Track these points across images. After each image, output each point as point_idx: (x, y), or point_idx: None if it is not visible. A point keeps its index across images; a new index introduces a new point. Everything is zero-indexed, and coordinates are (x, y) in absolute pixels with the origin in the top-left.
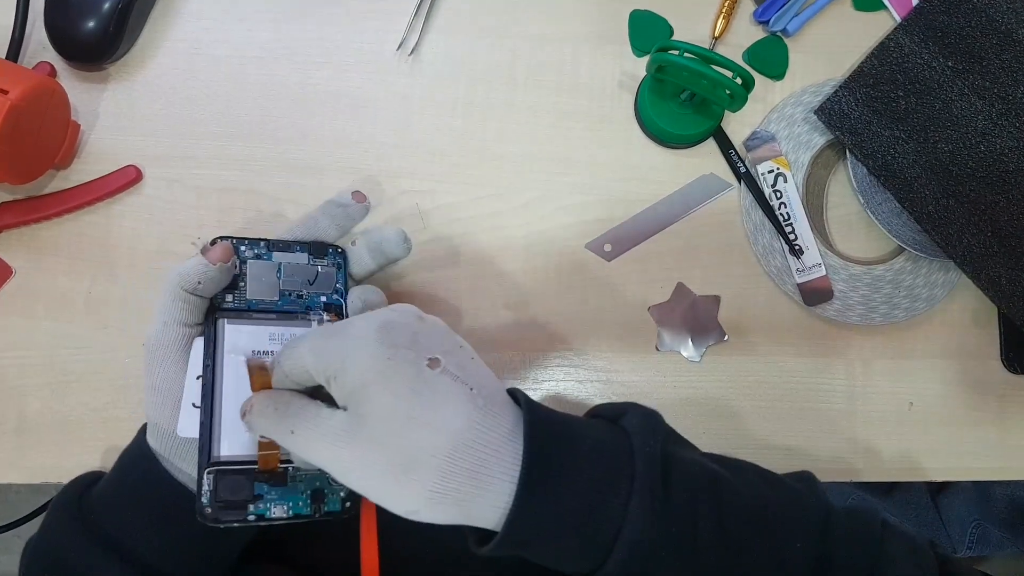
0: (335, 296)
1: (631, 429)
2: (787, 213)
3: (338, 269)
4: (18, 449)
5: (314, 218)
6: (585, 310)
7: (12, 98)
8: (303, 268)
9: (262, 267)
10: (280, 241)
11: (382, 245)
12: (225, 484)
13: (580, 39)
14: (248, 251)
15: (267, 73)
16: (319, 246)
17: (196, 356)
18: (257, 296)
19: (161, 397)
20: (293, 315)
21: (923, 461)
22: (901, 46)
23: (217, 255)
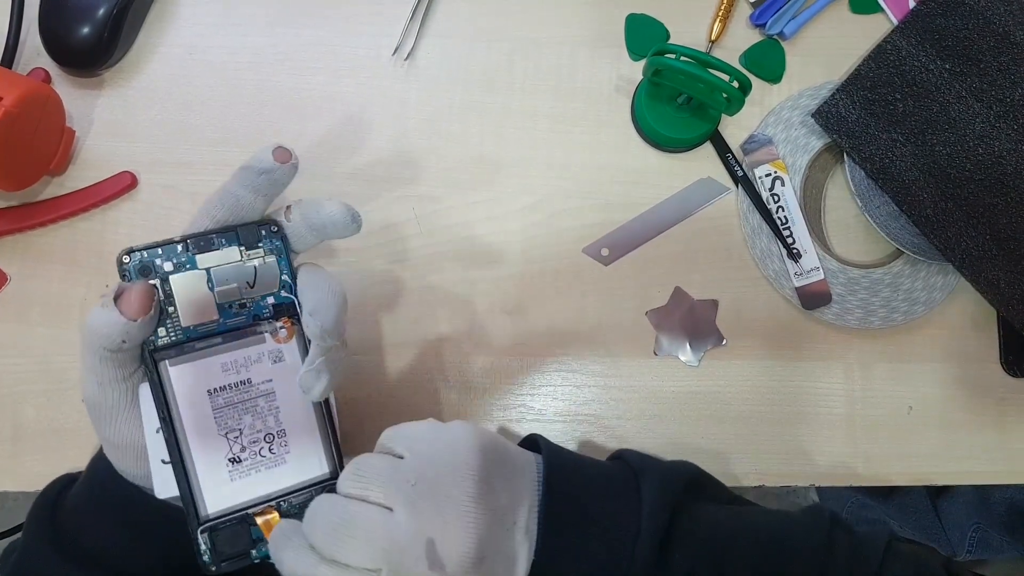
0: (283, 293)
1: (645, 505)
2: (785, 217)
3: (279, 256)
4: (13, 456)
5: (232, 194)
6: (583, 315)
7: (6, 104)
8: (237, 268)
9: (189, 281)
10: (200, 236)
11: (326, 228)
12: (223, 539)
13: (576, 43)
14: (165, 262)
15: (262, 78)
16: (249, 230)
17: (147, 406)
18: (194, 321)
19: (122, 452)
20: (241, 331)
21: (923, 465)
22: (898, 49)
23: (135, 308)
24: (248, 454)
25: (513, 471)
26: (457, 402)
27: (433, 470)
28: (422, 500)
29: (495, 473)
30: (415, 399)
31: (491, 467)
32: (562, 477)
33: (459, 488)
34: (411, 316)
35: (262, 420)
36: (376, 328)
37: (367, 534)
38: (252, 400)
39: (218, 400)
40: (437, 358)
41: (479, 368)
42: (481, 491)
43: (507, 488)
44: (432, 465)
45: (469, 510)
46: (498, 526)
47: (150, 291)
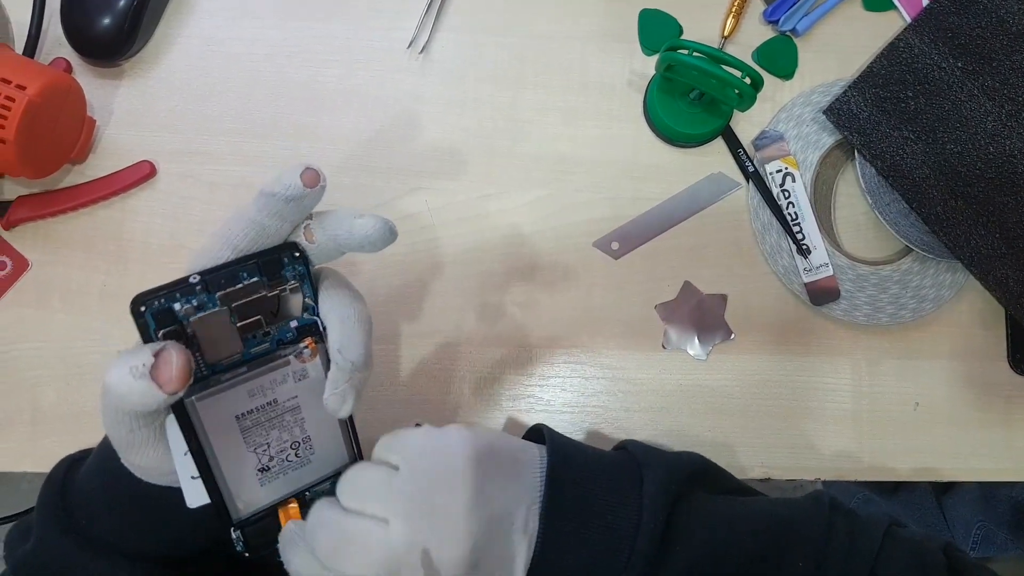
0: (305, 316)
1: (646, 498)
2: (795, 213)
3: (302, 280)
4: (33, 439)
5: (256, 222)
6: (592, 308)
7: (30, 94)
8: (259, 301)
9: (212, 321)
10: (220, 270)
11: (363, 246)
12: (253, 534)
13: (589, 38)
14: (185, 307)
15: (279, 70)
16: (270, 261)
17: (174, 432)
18: (219, 358)
19: (144, 472)
20: (265, 358)
21: (929, 461)
22: (911, 46)
23: (175, 383)
24: (276, 462)
25: (513, 471)
26: (467, 392)
27: (427, 480)
28: (417, 511)
29: (491, 477)
30: (426, 388)
31: (486, 473)
32: (565, 468)
33: (452, 498)
34: (423, 307)
35: (288, 431)
36: (388, 319)
37: (365, 547)
38: (279, 416)
39: (246, 422)
40: (448, 349)
41: (489, 359)
42: (475, 500)
43: (504, 491)
44: (426, 476)
45: (461, 519)
46: (494, 531)
47: (188, 361)
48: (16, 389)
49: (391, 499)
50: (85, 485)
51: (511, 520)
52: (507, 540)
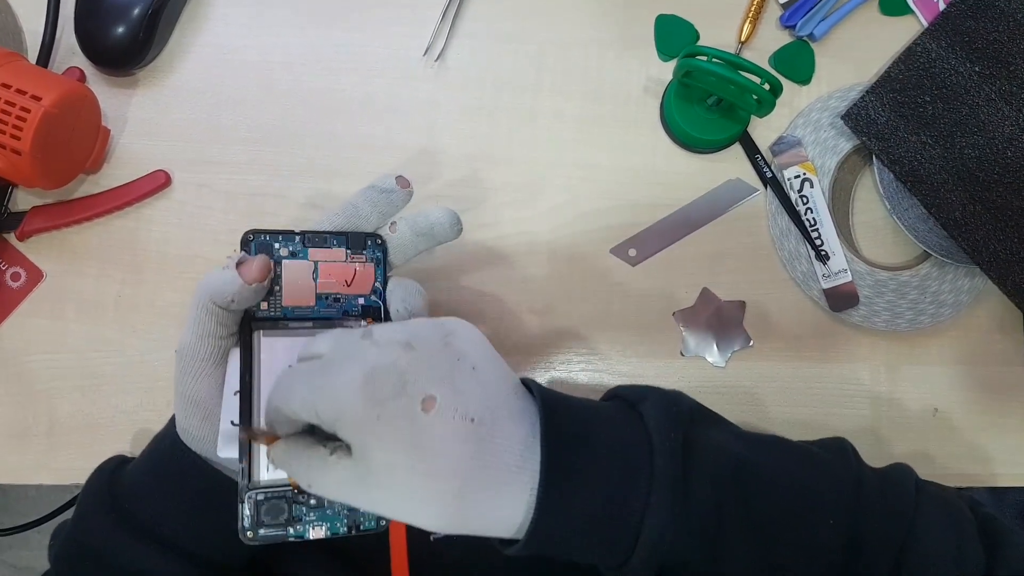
0: (372, 298)
1: (650, 422)
2: (813, 218)
3: (377, 264)
4: (49, 451)
5: (354, 205)
6: (610, 315)
7: (45, 105)
8: (340, 267)
9: (297, 269)
10: (316, 233)
11: (433, 229)
12: (266, 509)
13: (605, 44)
14: (282, 248)
15: (294, 78)
16: (357, 237)
17: (232, 369)
18: (293, 303)
19: (195, 408)
20: (329, 321)
21: (947, 467)
22: (928, 51)
23: (254, 274)
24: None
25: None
26: None
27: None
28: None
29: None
30: None
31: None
32: (560, 413)
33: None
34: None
35: None
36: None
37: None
38: None
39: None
40: None
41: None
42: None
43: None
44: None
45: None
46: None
47: (268, 264)
48: (31, 400)
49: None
50: (133, 470)
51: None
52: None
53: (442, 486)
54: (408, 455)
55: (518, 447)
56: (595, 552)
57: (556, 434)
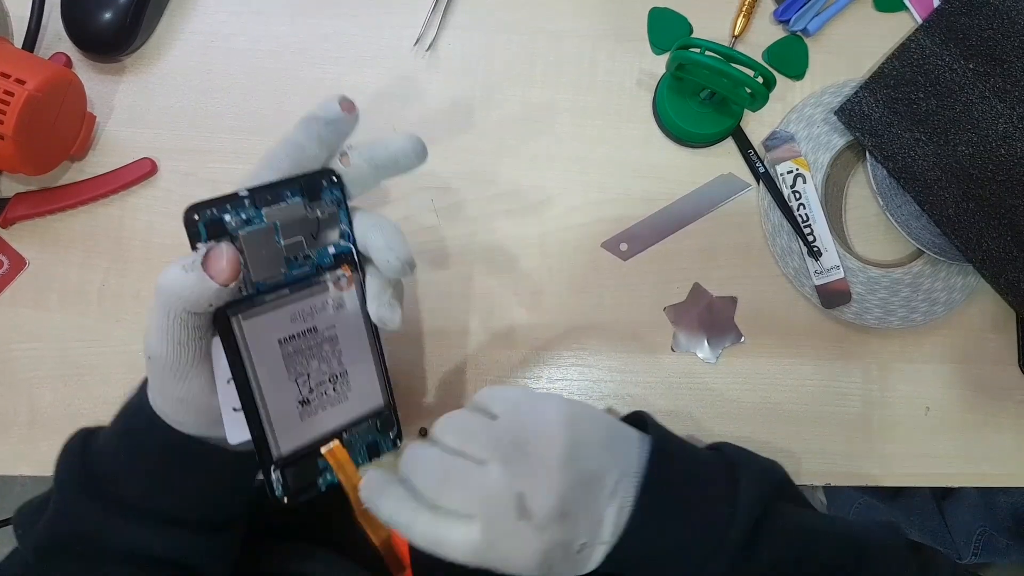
0: (342, 243)
1: (741, 489)
2: (806, 214)
3: (338, 206)
4: (29, 441)
5: (297, 144)
6: (600, 309)
7: (29, 88)
8: (302, 221)
9: (258, 236)
10: (266, 189)
11: (396, 161)
12: (294, 475)
13: (598, 36)
14: (234, 219)
15: (283, 67)
16: (311, 181)
17: (219, 359)
18: (264, 276)
19: (186, 407)
20: (306, 282)
21: (939, 466)
22: (922, 47)
23: (227, 274)
24: (315, 395)
25: (607, 439)
26: (472, 393)
27: (524, 431)
28: (514, 457)
29: (585, 439)
30: (431, 390)
31: (581, 436)
32: (665, 456)
33: (548, 450)
34: (429, 307)
35: (327, 363)
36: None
37: (464, 484)
38: (318, 346)
39: (288, 348)
40: (454, 350)
41: (496, 361)
42: (568, 455)
43: (597, 455)
44: (524, 427)
45: (555, 470)
46: (584, 488)
47: (237, 256)
48: (12, 390)
49: (490, 444)
50: (107, 448)
51: (601, 483)
52: (596, 500)
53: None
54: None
55: (610, 485)
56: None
57: (657, 478)
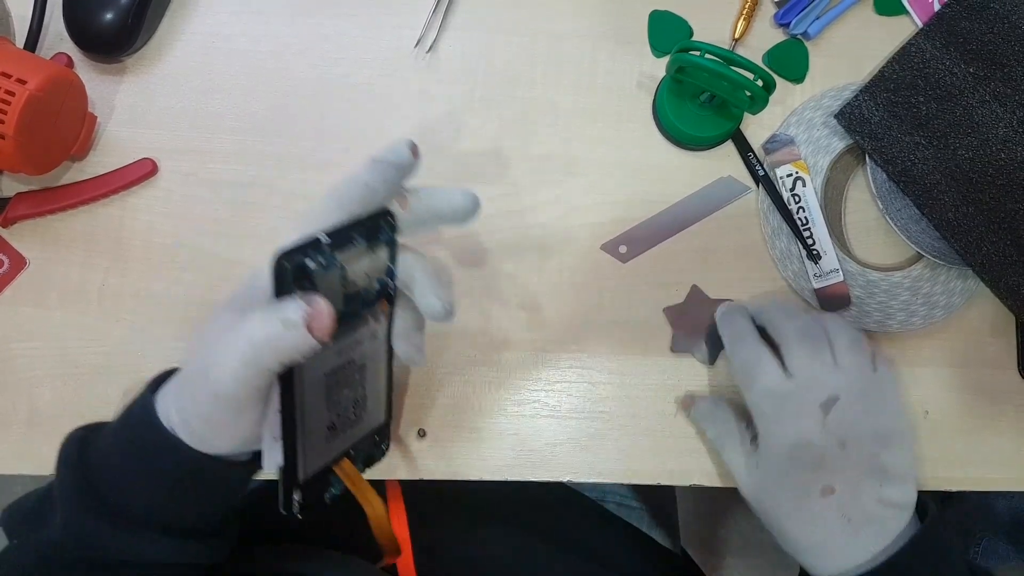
0: (384, 278)
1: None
2: (805, 217)
3: (391, 246)
4: (28, 440)
5: (367, 185)
6: (599, 311)
7: (30, 88)
8: (364, 264)
9: (330, 279)
10: (339, 234)
11: (455, 214)
12: (308, 492)
13: (599, 38)
14: (315, 264)
15: (283, 68)
16: (373, 223)
17: (272, 393)
18: None
19: (232, 436)
20: (354, 318)
21: (938, 470)
22: (922, 51)
23: (329, 331)
24: (341, 420)
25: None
26: (471, 395)
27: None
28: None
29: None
30: (429, 391)
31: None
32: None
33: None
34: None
35: (353, 390)
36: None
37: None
38: (352, 375)
39: (331, 380)
40: (451, 351)
41: (494, 362)
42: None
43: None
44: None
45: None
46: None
47: (332, 310)
48: (12, 389)
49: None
50: (112, 462)
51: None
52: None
53: (792, 544)
54: (786, 512)
55: (864, 550)
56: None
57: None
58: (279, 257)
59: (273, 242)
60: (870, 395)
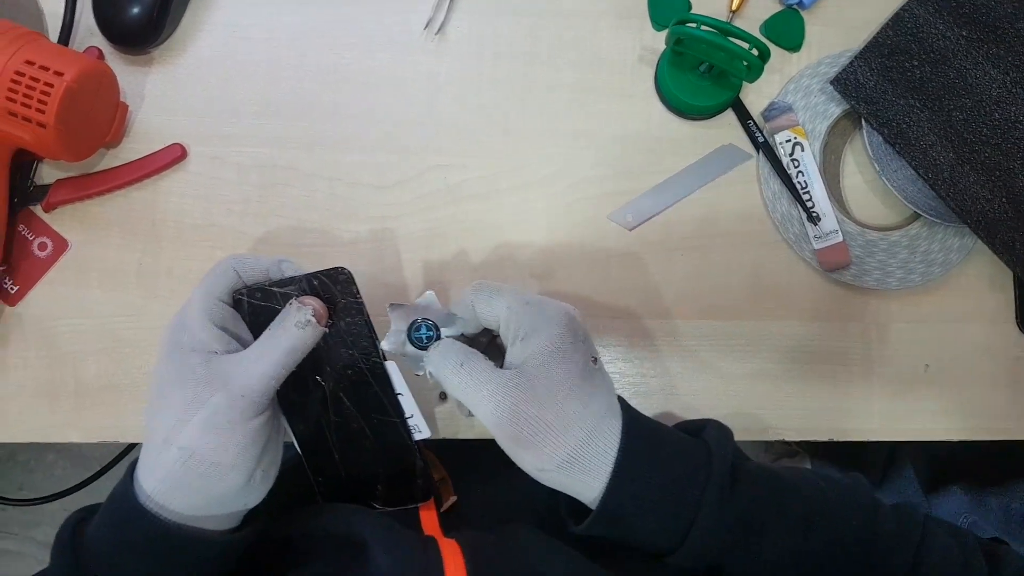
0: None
1: (709, 439)
2: (804, 181)
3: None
4: (76, 410)
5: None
6: (608, 278)
7: (67, 80)
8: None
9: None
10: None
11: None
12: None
13: (600, 14)
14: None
15: (301, 54)
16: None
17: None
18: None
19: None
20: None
21: (937, 421)
22: (916, 16)
23: (324, 317)
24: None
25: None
26: None
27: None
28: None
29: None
30: None
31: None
32: (637, 417)
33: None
34: (442, 281)
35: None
36: (408, 293)
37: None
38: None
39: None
40: None
41: None
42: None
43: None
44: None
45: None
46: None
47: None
48: (59, 363)
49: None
50: (96, 535)
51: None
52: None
53: (585, 419)
54: (577, 381)
55: (618, 427)
56: (654, 532)
57: (635, 431)
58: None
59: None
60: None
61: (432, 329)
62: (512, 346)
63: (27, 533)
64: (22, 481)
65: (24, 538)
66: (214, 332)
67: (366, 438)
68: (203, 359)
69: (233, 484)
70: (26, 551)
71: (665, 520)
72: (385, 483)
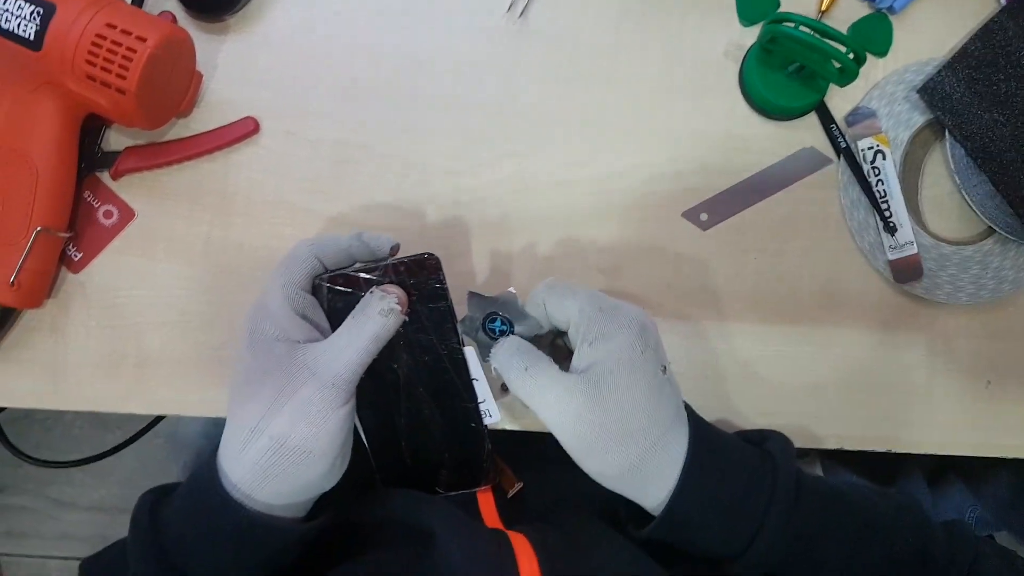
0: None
1: (774, 451)
2: (883, 190)
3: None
4: (139, 381)
5: (345, 252)
6: (677, 278)
7: (150, 46)
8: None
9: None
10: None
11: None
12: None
13: (687, 8)
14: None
15: (379, 33)
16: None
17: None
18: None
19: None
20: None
21: (997, 438)
22: (1005, 29)
23: (405, 304)
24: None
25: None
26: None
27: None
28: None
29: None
30: None
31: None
32: (704, 426)
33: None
34: (511, 270)
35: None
36: (474, 281)
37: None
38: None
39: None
40: None
41: None
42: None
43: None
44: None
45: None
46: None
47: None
48: (122, 333)
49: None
50: (179, 523)
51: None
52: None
53: (653, 429)
54: (646, 391)
55: (686, 434)
56: (716, 541)
57: (703, 441)
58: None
59: (370, 199)
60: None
61: (507, 324)
62: (580, 349)
63: (41, 490)
64: (39, 439)
65: (37, 494)
66: (297, 321)
67: (435, 423)
68: (288, 348)
69: (320, 471)
70: (39, 507)
71: (728, 530)
72: (450, 468)
